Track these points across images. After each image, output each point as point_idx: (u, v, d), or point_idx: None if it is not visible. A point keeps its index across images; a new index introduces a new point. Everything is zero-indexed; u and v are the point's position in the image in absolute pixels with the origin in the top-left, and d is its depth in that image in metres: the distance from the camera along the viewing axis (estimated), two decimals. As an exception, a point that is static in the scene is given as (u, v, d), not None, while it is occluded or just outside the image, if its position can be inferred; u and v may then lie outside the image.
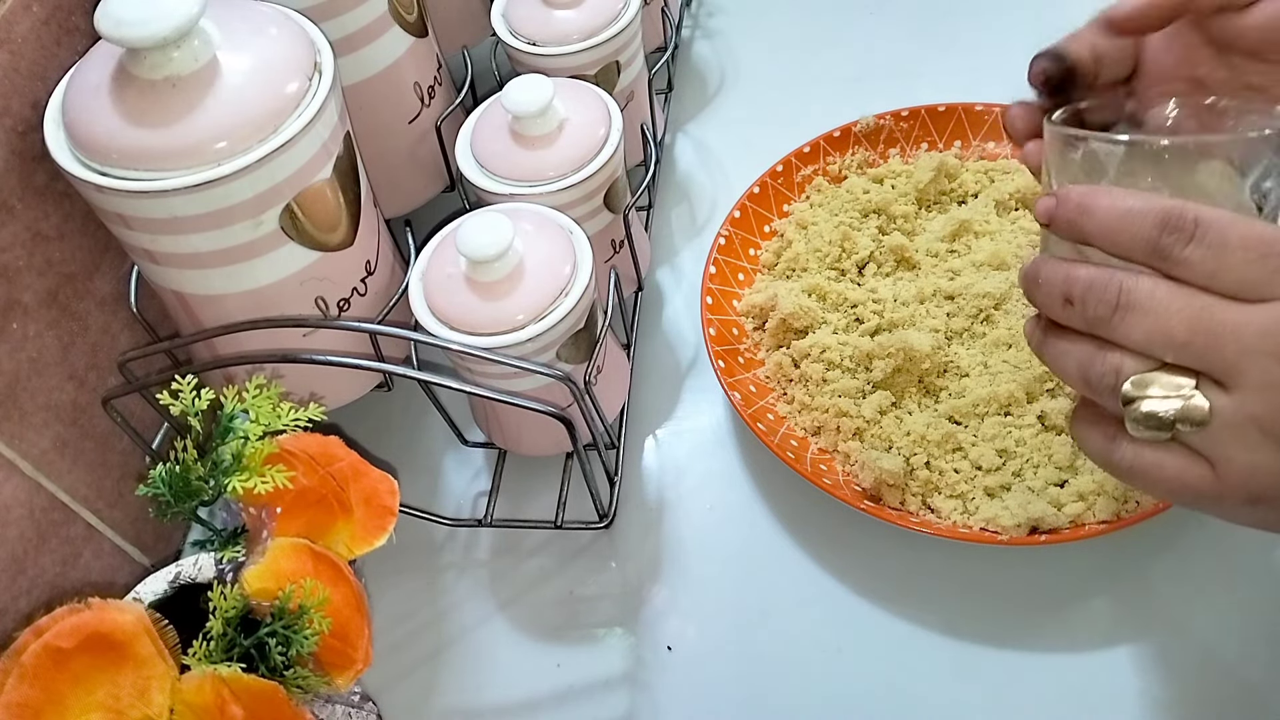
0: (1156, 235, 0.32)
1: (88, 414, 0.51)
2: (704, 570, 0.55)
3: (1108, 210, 0.33)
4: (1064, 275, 0.35)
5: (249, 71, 0.43)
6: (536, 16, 0.61)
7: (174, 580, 0.45)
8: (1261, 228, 0.32)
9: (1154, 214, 0.32)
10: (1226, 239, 0.32)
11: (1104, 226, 0.33)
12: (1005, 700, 0.49)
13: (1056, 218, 0.34)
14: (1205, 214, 0.32)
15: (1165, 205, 0.32)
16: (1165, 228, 0.32)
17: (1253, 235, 0.32)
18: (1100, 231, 0.34)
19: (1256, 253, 0.31)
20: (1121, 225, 0.33)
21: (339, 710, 0.48)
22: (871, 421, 0.56)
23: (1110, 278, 0.33)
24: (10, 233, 0.47)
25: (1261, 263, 0.31)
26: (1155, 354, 0.33)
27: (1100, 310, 0.33)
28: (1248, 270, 0.31)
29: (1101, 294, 0.33)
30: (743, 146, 0.74)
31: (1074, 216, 0.34)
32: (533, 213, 0.52)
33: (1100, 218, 0.33)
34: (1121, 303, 0.33)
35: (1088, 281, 0.34)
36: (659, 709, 0.51)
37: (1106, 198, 0.34)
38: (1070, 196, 0.34)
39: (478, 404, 0.56)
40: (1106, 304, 0.33)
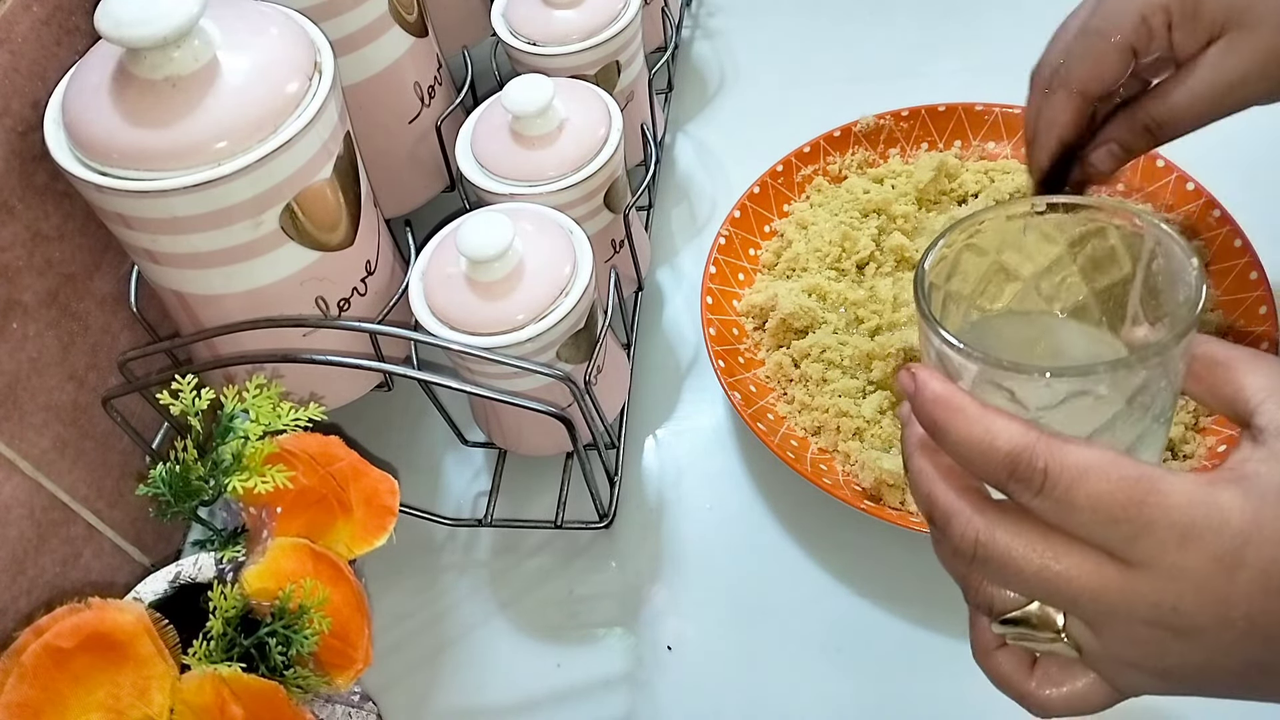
0: (1004, 478, 0.30)
1: (88, 414, 0.51)
2: (704, 570, 0.55)
3: (959, 437, 0.31)
4: (925, 494, 0.33)
5: (249, 71, 0.43)
6: (536, 16, 0.61)
7: (174, 580, 0.45)
8: (1118, 482, 0.29)
9: (1001, 454, 0.30)
10: (1073, 498, 0.29)
11: (955, 453, 0.31)
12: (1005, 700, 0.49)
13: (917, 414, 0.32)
14: (1054, 462, 0.29)
15: (1014, 445, 0.30)
16: (1012, 474, 0.30)
17: (1104, 495, 0.29)
18: (953, 454, 0.32)
19: (1107, 515, 0.29)
20: (971, 457, 0.31)
21: (339, 710, 0.48)
22: (871, 421, 0.56)
23: (967, 523, 0.32)
24: (10, 233, 0.47)
25: (1112, 527, 0.29)
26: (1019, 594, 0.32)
27: (958, 551, 0.32)
28: (1097, 531, 0.29)
29: (959, 539, 0.32)
30: (743, 146, 0.74)
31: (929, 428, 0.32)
32: (533, 213, 0.52)
33: (952, 441, 0.31)
34: (978, 554, 0.31)
35: (945, 514, 0.32)
36: (659, 709, 0.51)
37: (961, 420, 0.31)
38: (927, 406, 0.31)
39: (478, 404, 0.56)
40: (963, 551, 0.32)
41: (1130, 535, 0.29)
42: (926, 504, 0.33)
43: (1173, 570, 0.29)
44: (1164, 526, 0.29)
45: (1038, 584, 0.31)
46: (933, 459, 0.33)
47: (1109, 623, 0.31)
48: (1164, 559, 0.29)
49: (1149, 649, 0.30)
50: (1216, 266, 0.59)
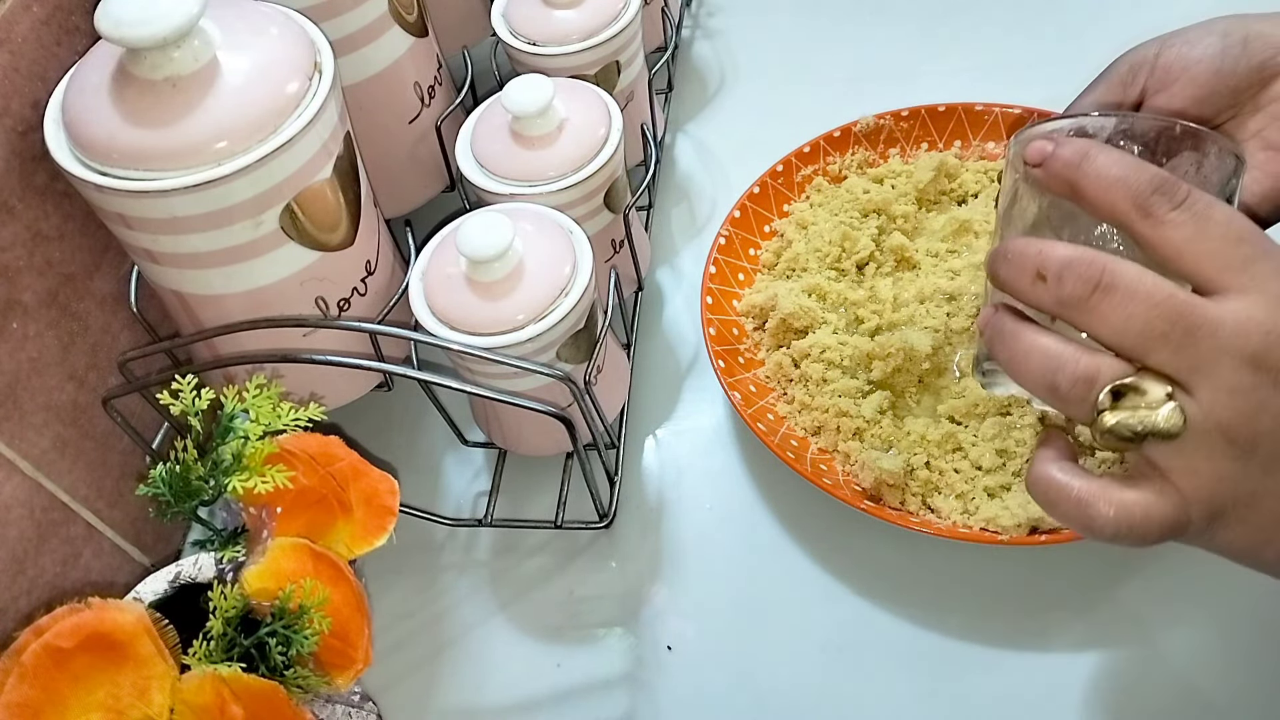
0: (1148, 192, 0.33)
1: (88, 414, 0.51)
2: (704, 570, 0.55)
3: (1105, 162, 0.33)
4: (1038, 249, 0.34)
5: (249, 71, 0.43)
6: (536, 16, 0.61)
7: (174, 580, 0.45)
8: (1241, 218, 0.33)
9: (1149, 174, 0.33)
10: (1211, 213, 0.32)
11: (1098, 175, 0.33)
12: (1005, 700, 0.49)
13: (1052, 161, 0.34)
14: (1195, 190, 0.33)
15: (1161, 172, 0.33)
16: (1158, 188, 0.33)
17: (1234, 219, 0.33)
18: (1094, 179, 0.33)
19: (1235, 235, 0.32)
20: (1116, 175, 0.33)
21: (339, 710, 0.48)
22: (871, 421, 0.56)
23: (1094, 255, 0.33)
24: (10, 233, 0.47)
25: (1236, 246, 0.32)
26: (1128, 344, 0.32)
27: (1078, 288, 0.33)
28: (1222, 247, 0.32)
29: (1084, 269, 0.33)
30: (743, 146, 0.74)
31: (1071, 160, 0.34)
32: (533, 213, 0.52)
33: (1096, 166, 0.33)
34: (1104, 282, 0.32)
35: (1067, 257, 0.33)
36: (659, 709, 0.51)
37: (1105, 154, 0.34)
38: (1072, 145, 0.34)
39: (478, 404, 0.56)
40: (1087, 280, 0.32)
41: (1251, 256, 0.32)
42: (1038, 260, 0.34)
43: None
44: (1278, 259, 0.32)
45: (1166, 310, 0.32)
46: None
47: (1216, 366, 0.31)
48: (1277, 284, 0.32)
49: (1248, 401, 0.31)
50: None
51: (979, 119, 0.68)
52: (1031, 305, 0.35)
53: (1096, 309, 0.33)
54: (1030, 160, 0.35)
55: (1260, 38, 0.43)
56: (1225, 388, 0.31)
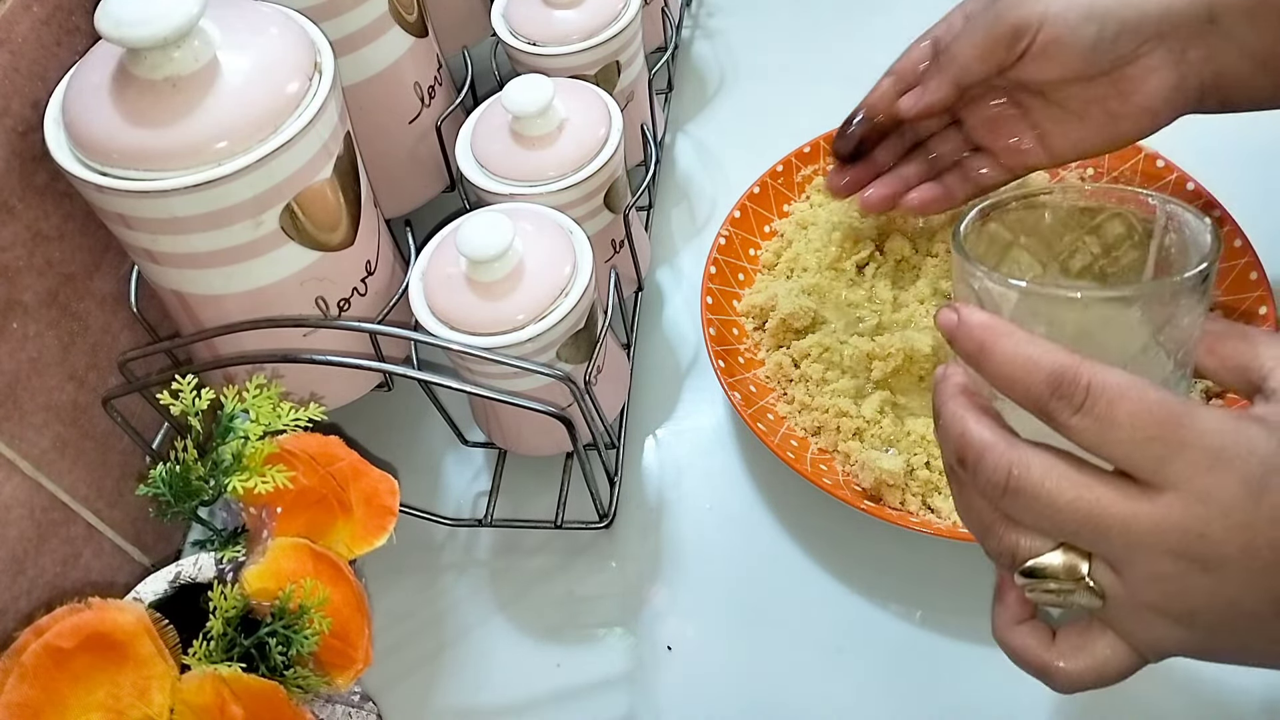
0: (1046, 396, 0.31)
1: (88, 414, 0.51)
2: (704, 570, 0.55)
3: (1004, 358, 0.32)
4: (959, 433, 0.34)
5: (249, 71, 0.43)
6: (536, 16, 0.61)
7: (174, 580, 0.45)
8: (1155, 403, 0.30)
9: (1045, 372, 0.31)
10: (1114, 415, 0.30)
11: (999, 374, 0.32)
12: (1005, 700, 0.49)
13: (956, 343, 0.34)
14: (1098, 381, 0.30)
15: (1058, 364, 0.31)
16: (1055, 391, 0.31)
17: (1142, 413, 0.30)
18: (995, 377, 0.33)
19: (1144, 434, 0.30)
20: (1015, 377, 0.32)
21: (339, 710, 0.48)
22: (871, 421, 0.56)
23: (1001, 455, 0.32)
24: (10, 233, 0.47)
25: (1147, 445, 0.30)
26: (1046, 534, 0.33)
27: (990, 486, 0.33)
28: (1133, 451, 0.30)
29: (991, 472, 0.32)
30: (743, 146, 0.74)
31: (974, 352, 0.33)
32: (533, 213, 0.52)
33: (997, 363, 0.32)
34: (1010, 486, 0.32)
35: (979, 450, 0.33)
36: (659, 709, 0.51)
37: (1007, 341, 0.32)
38: (972, 331, 0.33)
39: (478, 404, 0.56)
40: (995, 484, 0.32)
41: (1163, 455, 0.30)
42: (959, 444, 0.34)
43: (1202, 494, 0.30)
44: (1196, 449, 0.30)
45: (1070, 514, 0.31)
46: (968, 401, 0.34)
47: (1136, 558, 0.31)
48: (1194, 482, 0.30)
49: (1173, 586, 0.31)
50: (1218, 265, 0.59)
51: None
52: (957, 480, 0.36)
53: (1009, 508, 0.33)
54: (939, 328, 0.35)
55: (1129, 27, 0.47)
56: (1145, 576, 0.31)
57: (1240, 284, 0.57)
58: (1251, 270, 0.57)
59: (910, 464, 0.54)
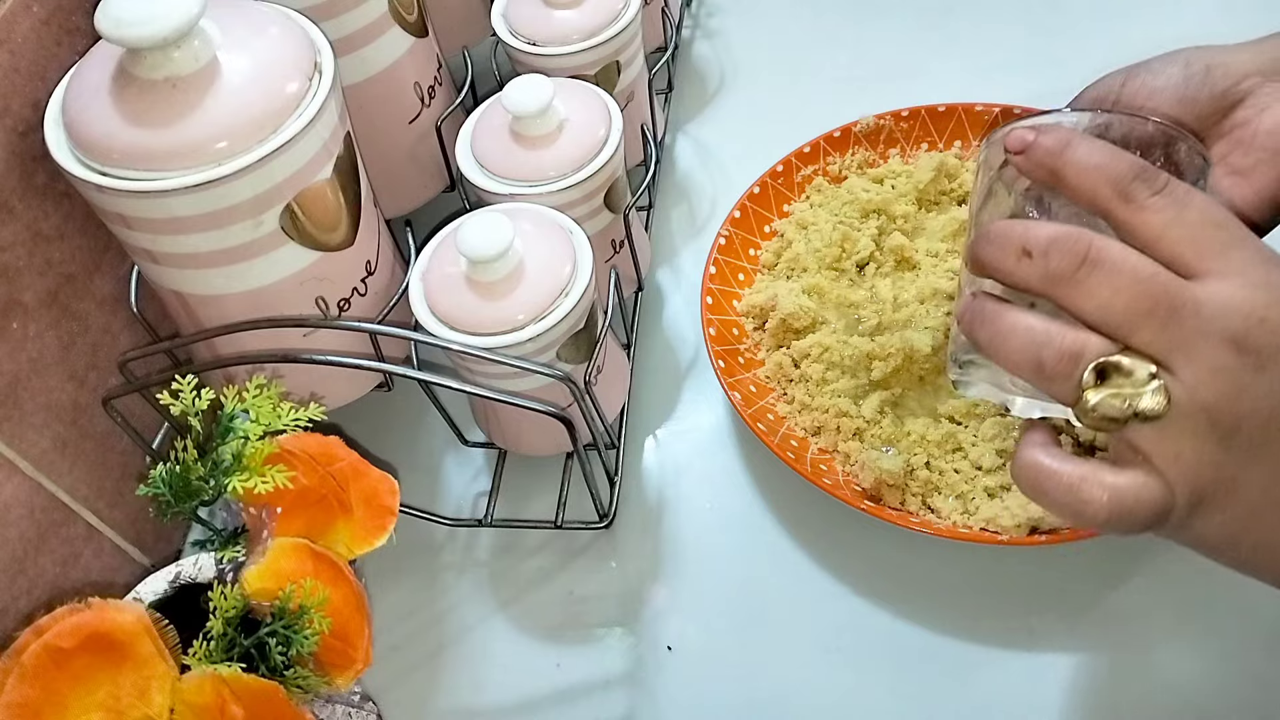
0: (1128, 178, 0.33)
1: (88, 414, 0.51)
2: (704, 570, 0.55)
3: (1086, 150, 0.34)
4: (1024, 227, 0.34)
5: (249, 71, 0.43)
6: (536, 16, 0.61)
7: (174, 580, 0.45)
8: (1218, 206, 0.33)
9: (1129, 161, 0.34)
10: (1190, 199, 0.33)
11: (1079, 161, 0.34)
12: (1006, 700, 0.49)
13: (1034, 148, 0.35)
14: (1174, 179, 0.33)
15: (1141, 160, 0.34)
16: (1137, 175, 0.33)
17: (1212, 205, 0.33)
18: (1075, 165, 0.34)
19: (1213, 221, 0.33)
20: (1097, 162, 0.34)
21: (339, 710, 0.48)
22: (871, 421, 0.56)
23: (1080, 231, 0.33)
24: (10, 233, 0.47)
25: (1215, 231, 0.33)
26: (1113, 321, 0.32)
27: (1065, 263, 0.33)
28: (1200, 232, 0.33)
29: (1070, 244, 0.33)
30: (743, 146, 0.74)
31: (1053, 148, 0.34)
32: (533, 213, 0.52)
33: (1078, 153, 0.34)
34: (1091, 257, 0.33)
35: (1053, 233, 0.34)
36: (659, 709, 0.51)
37: (1086, 142, 0.34)
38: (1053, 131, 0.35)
39: (478, 404, 0.56)
40: (1074, 255, 0.33)
41: (1229, 242, 0.33)
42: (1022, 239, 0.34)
43: (1262, 281, 0.32)
44: (1254, 245, 0.33)
45: (1151, 287, 0.32)
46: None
47: (1199, 346, 0.32)
48: (1254, 270, 0.32)
49: (1230, 383, 0.32)
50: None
51: (979, 119, 0.68)
52: (1015, 284, 0.35)
53: (1083, 284, 0.33)
54: (1012, 148, 0.36)
55: (1221, 66, 0.45)
56: (1208, 368, 0.32)
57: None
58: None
59: (910, 464, 0.54)
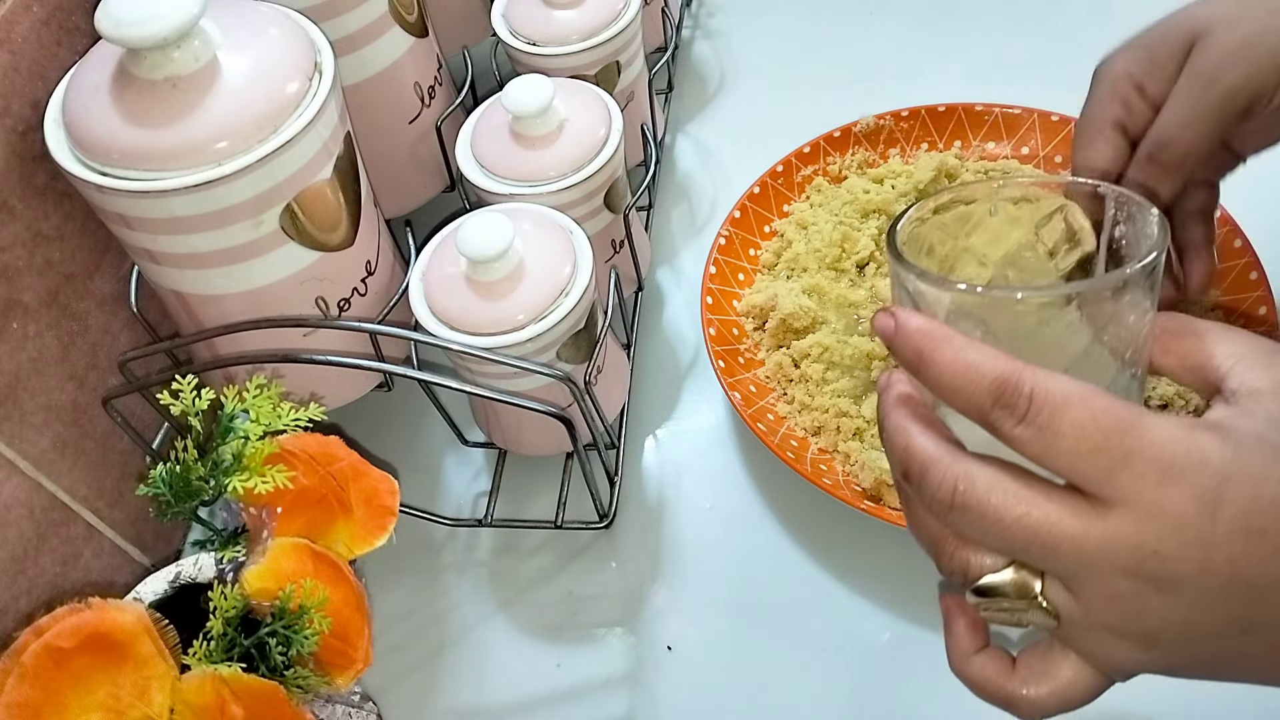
0: (989, 406, 0.30)
1: (88, 414, 0.51)
2: (704, 570, 0.55)
3: (944, 366, 0.30)
4: (903, 446, 0.32)
5: (249, 71, 0.43)
6: (536, 16, 0.61)
7: (174, 580, 0.45)
8: (1101, 411, 0.28)
9: (987, 381, 0.30)
10: (1058, 425, 0.29)
11: (939, 383, 0.31)
12: (1005, 700, 0.49)
13: (895, 350, 0.32)
14: (1040, 389, 0.29)
15: (999, 371, 0.29)
16: (997, 401, 0.29)
17: (1088, 423, 0.28)
18: (936, 386, 0.31)
19: (1089, 445, 0.28)
20: (956, 385, 0.30)
21: (339, 710, 0.48)
22: (871, 421, 0.56)
23: (946, 470, 0.31)
24: (10, 233, 0.47)
25: (1093, 457, 0.28)
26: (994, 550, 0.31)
27: (935, 503, 0.31)
28: (1079, 463, 0.29)
29: (936, 488, 0.31)
30: (743, 146, 0.74)
31: (912, 360, 0.31)
32: (533, 213, 0.52)
33: (937, 371, 0.31)
34: (956, 503, 0.30)
35: (923, 464, 0.31)
36: (659, 709, 0.51)
37: (946, 348, 0.31)
38: (910, 338, 0.31)
39: (478, 404, 0.56)
40: (941, 500, 0.31)
41: (1111, 467, 0.28)
42: (903, 458, 0.32)
43: (1153, 509, 0.28)
44: (1145, 460, 0.28)
45: (1017, 532, 0.29)
46: (911, 412, 0.33)
47: (1089, 577, 0.29)
48: (1144, 495, 0.28)
49: (1129, 607, 0.29)
50: (1218, 266, 0.59)
51: (979, 119, 0.68)
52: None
53: (955, 524, 0.31)
54: (877, 333, 0.33)
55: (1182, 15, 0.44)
56: (1100, 596, 0.30)
57: (1240, 284, 0.57)
58: (1251, 270, 0.57)
59: (910, 464, 0.54)
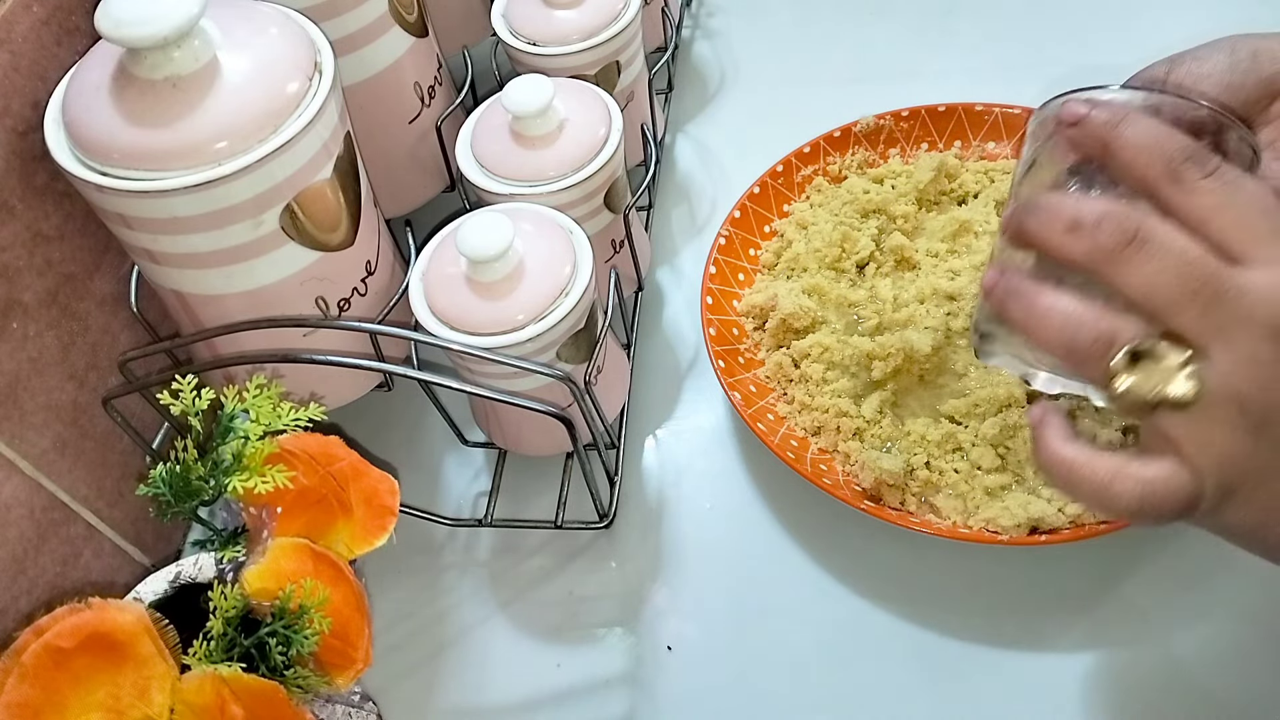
0: (1180, 158, 0.33)
1: (88, 414, 0.51)
2: (704, 570, 0.55)
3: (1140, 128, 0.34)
4: (1074, 201, 0.34)
5: (249, 71, 0.43)
6: (537, 16, 0.61)
7: (174, 580, 0.45)
8: (1269, 193, 0.33)
9: (1182, 142, 0.33)
10: (1241, 183, 0.33)
11: (1132, 137, 0.34)
12: (1006, 700, 0.49)
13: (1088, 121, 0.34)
14: (1225, 163, 0.33)
15: (1194, 142, 0.33)
16: (1189, 156, 0.33)
17: (1262, 192, 0.33)
18: (1127, 141, 0.34)
19: (1262, 207, 0.32)
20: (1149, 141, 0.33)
21: (339, 710, 0.48)
22: (871, 421, 0.56)
23: (1130, 209, 0.33)
24: (10, 233, 0.47)
25: (1263, 218, 0.32)
26: (1155, 301, 0.32)
27: (1112, 239, 0.33)
28: (1249, 218, 0.32)
29: (1120, 221, 0.33)
30: (743, 146, 0.74)
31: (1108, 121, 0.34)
32: (533, 213, 0.52)
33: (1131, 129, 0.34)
34: (1140, 235, 0.32)
35: (1103, 209, 0.33)
36: (659, 709, 0.51)
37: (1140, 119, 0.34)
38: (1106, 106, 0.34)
39: (478, 404, 0.56)
40: (1123, 232, 0.33)
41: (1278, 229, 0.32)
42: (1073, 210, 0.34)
43: None
44: None
45: (1199, 266, 0.32)
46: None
47: (1239, 333, 0.31)
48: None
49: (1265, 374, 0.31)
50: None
51: (979, 119, 0.68)
52: (1060, 256, 0.35)
53: (1129, 261, 0.33)
54: (1066, 119, 0.35)
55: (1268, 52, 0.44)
56: (1245, 356, 0.31)
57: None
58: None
59: (910, 464, 0.54)
